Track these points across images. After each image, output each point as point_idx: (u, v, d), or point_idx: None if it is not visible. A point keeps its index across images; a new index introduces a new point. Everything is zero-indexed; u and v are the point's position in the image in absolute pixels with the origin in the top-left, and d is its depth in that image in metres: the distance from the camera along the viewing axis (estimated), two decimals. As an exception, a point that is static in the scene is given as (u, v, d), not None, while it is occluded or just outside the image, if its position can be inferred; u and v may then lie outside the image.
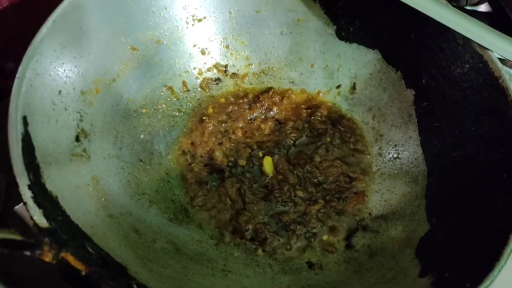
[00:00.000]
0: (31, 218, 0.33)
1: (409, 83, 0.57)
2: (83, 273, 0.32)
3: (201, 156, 0.56)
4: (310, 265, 0.49)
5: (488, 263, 0.37)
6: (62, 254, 0.32)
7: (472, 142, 0.49)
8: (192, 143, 0.57)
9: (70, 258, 0.32)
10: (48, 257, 0.31)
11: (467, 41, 0.50)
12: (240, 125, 0.60)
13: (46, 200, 0.35)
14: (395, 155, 0.57)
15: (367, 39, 0.60)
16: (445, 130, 0.53)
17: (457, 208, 0.46)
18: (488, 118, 0.48)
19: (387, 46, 0.59)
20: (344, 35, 0.61)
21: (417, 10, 0.51)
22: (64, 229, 0.34)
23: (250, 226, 0.51)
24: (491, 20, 0.83)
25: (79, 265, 0.32)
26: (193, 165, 0.55)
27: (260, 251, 0.50)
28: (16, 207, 0.50)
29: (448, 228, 0.45)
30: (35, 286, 0.47)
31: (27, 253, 0.31)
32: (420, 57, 0.55)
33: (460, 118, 0.51)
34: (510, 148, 0.45)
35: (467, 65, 0.51)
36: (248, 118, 0.60)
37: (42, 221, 0.33)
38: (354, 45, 0.61)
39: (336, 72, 0.63)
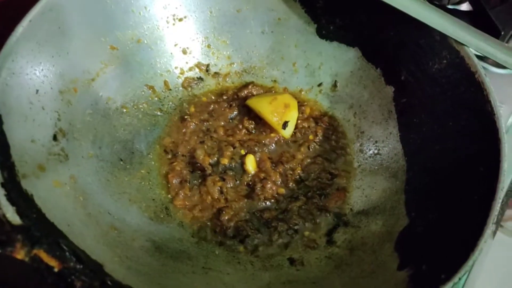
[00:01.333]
0: (4, 215, 0.33)
1: (389, 80, 0.57)
2: (56, 269, 0.32)
3: (183, 155, 0.56)
4: (292, 261, 0.49)
5: (463, 255, 0.37)
6: (35, 251, 0.32)
7: (450, 136, 0.49)
8: (173, 142, 0.57)
9: (43, 255, 0.32)
10: (20, 254, 0.31)
11: (444, 37, 0.51)
12: (222, 123, 0.60)
13: (21, 198, 0.35)
14: (376, 151, 0.57)
15: (347, 38, 0.60)
16: (424, 125, 0.53)
17: (435, 202, 0.46)
18: (465, 112, 0.49)
19: (367, 44, 0.59)
20: (324, 33, 0.61)
21: (395, 7, 0.51)
22: (38, 226, 0.34)
23: (232, 224, 0.51)
24: (472, 19, 0.84)
25: (52, 262, 0.32)
26: (174, 164, 0.55)
27: (241, 249, 0.50)
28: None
29: (427, 222, 0.46)
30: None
31: (-2, 250, 0.30)
32: (398, 54, 0.56)
33: (438, 113, 0.52)
34: (487, 142, 0.45)
35: (445, 61, 0.51)
36: (229, 117, 0.60)
37: (15, 219, 0.32)
38: (335, 43, 0.61)
39: (317, 70, 0.63)
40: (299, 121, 0.60)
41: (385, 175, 0.55)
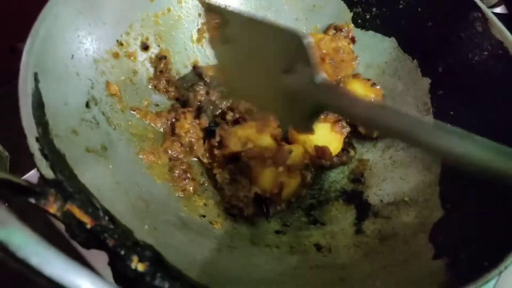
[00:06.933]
0: (38, 169, 0.32)
1: (425, 71, 0.56)
2: (89, 226, 0.31)
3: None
4: (319, 247, 0.48)
5: (508, 242, 0.35)
6: (68, 206, 0.31)
7: (489, 130, 0.47)
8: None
9: (76, 211, 0.31)
10: (53, 209, 0.30)
11: (486, 28, 0.49)
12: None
13: (54, 155, 0.34)
14: (409, 144, 0.56)
15: (383, 27, 0.59)
16: (460, 118, 0.51)
17: (473, 193, 0.44)
18: (506, 105, 0.47)
19: (404, 34, 0.58)
20: (360, 22, 0.60)
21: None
22: (70, 183, 0.33)
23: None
24: (507, 21, 0.82)
25: (84, 218, 0.31)
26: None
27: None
28: (23, 177, 0.49)
29: (463, 213, 0.44)
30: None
31: (32, 200, 0.29)
32: (437, 45, 0.54)
33: (476, 106, 0.50)
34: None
35: (486, 53, 0.50)
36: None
37: (48, 172, 0.32)
38: (370, 33, 0.60)
39: (351, 60, 0.62)
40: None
41: (418, 168, 0.53)
